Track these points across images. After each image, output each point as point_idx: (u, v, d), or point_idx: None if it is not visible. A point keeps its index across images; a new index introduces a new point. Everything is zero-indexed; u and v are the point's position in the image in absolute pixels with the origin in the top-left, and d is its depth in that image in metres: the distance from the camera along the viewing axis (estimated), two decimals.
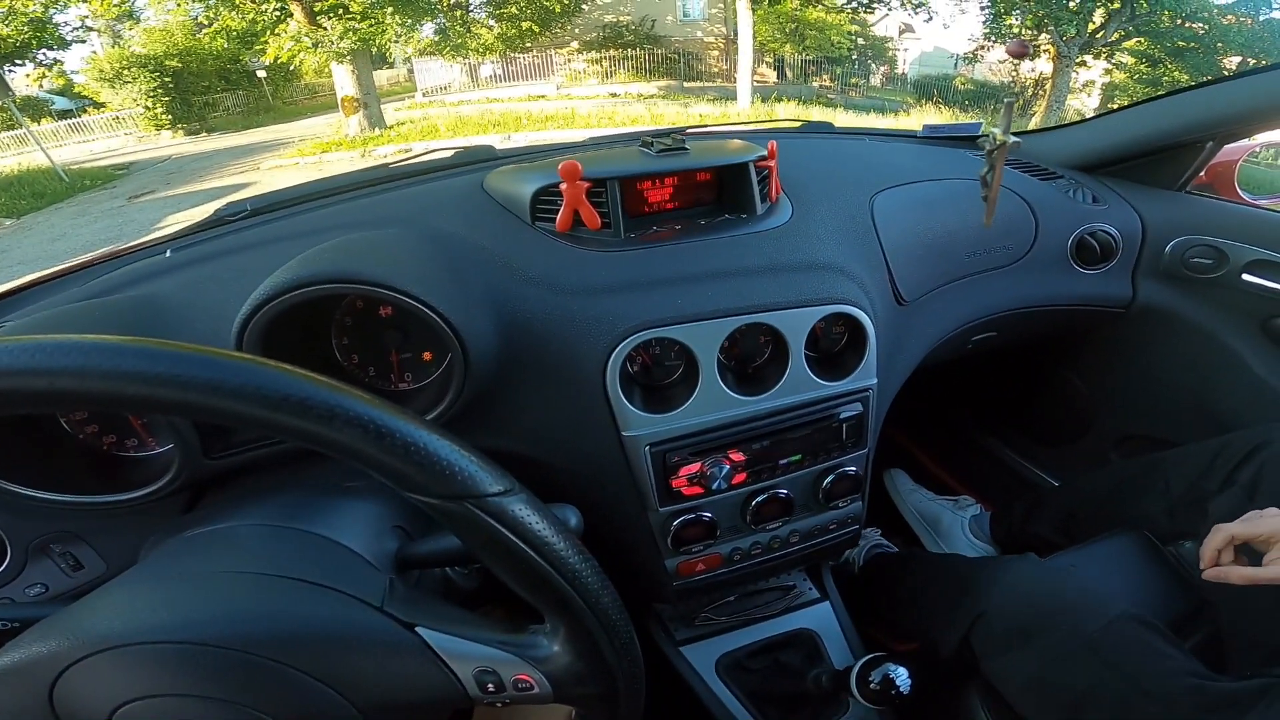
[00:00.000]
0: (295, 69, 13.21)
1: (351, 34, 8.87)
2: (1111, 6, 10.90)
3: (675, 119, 10.96)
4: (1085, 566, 0.87)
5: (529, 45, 14.56)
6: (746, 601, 1.00)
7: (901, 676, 0.77)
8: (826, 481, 0.81)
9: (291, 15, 9.03)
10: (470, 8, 13.06)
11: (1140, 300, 1.10)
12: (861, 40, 16.40)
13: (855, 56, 16.21)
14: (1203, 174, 1.10)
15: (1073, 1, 11.03)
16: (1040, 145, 1.18)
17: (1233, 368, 1.05)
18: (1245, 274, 1.01)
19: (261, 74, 15.90)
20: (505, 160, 0.97)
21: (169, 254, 0.76)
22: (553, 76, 15.19)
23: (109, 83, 13.39)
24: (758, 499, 0.78)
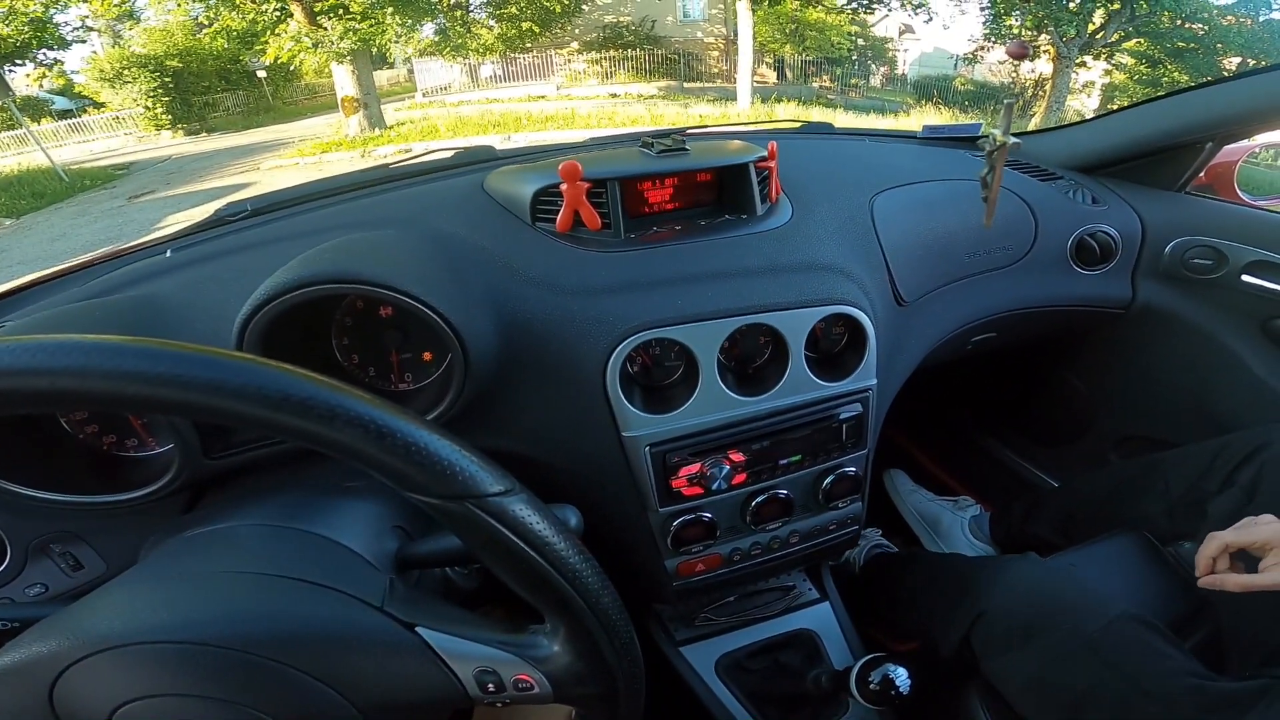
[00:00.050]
0: (295, 69, 13.22)
1: (351, 34, 8.87)
2: (1111, 7, 10.90)
3: (675, 119, 10.97)
4: (1085, 567, 0.87)
5: (529, 46, 14.55)
6: (746, 602, 1.00)
7: (901, 677, 0.77)
8: (826, 482, 0.81)
9: (292, 15, 9.03)
10: (470, 8, 13.06)
11: (1140, 301, 1.10)
12: (861, 41, 16.40)
13: (855, 57, 16.21)
14: (1202, 175, 1.10)
15: (1073, 2, 11.04)
16: (1040, 146, 1.18)
17: (1232, 368, 1.05)
18: (1245, 275, 1.01)
19: (261, 74, 15.89)
20: (505, 161, 0.97)
21: (169, 254, 0.76)
22: (553, 77, 15.19)
23: (109, 83, 13.38)
24: (758, 499, 0.78)
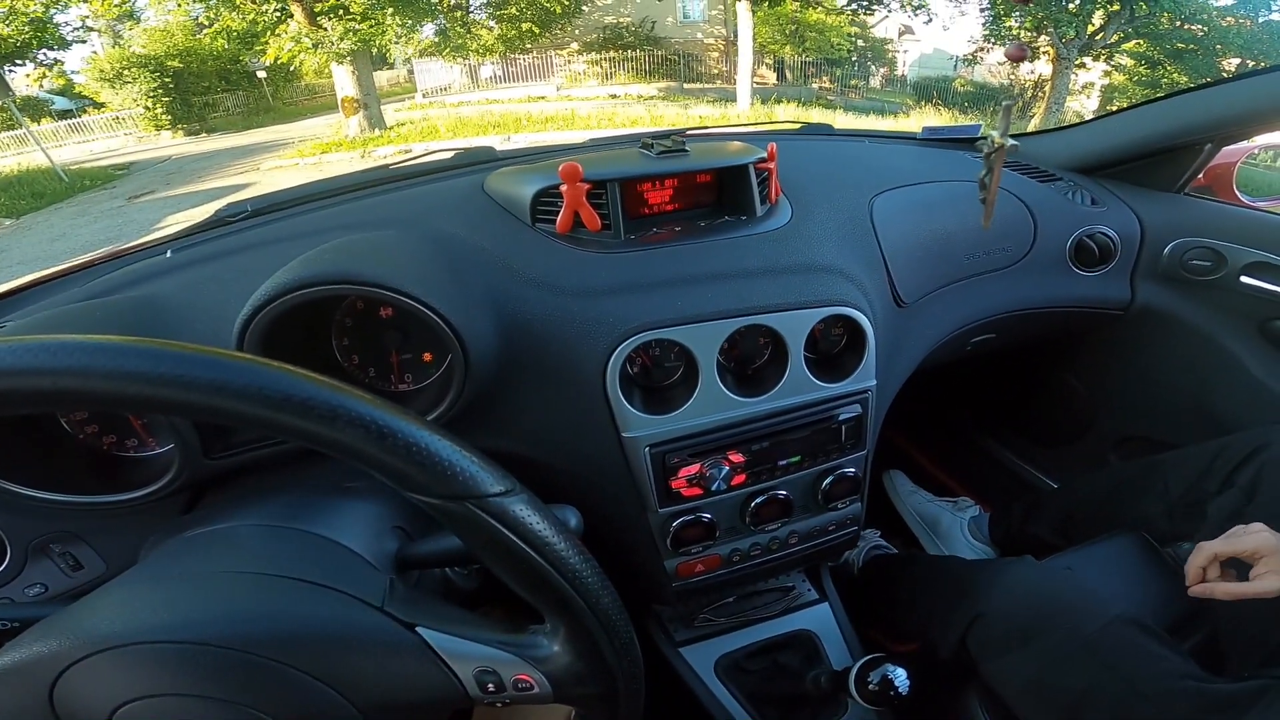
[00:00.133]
0: (295, 70, 13.22)
1: (352, 35, 8.88)
2: (1111, 8, 10.92)
3: (675, 120, 10.98)
4: (1084, 568, 0.87)
5: (529, 46, 14.57)
6: (745, 603, 1.00)
7: (900, 677, 0.77)
8: (826, 483, 0.81)
9: (292, 16, 9.03)
10: (470, 9, 13.08)
11: (1139, 302, 1.10)
12: (861, 42, 16.42)
13: (855, 58, 16.24)
14: (1201, 176, 1.10)
15: (1072, 3, 11.05)
16: (1039, 147, 1.19)
17: (1231, 370, 1.05)
18: (1243, 276, 1.01)
19: (261, 74, 15.90)
20: (505, 161, 0.97)
21: (169, 254, 0.76)
22: (553, 78, 15.19)
23: (109, 83, 13.39)
24: (757, 500, 0.79)
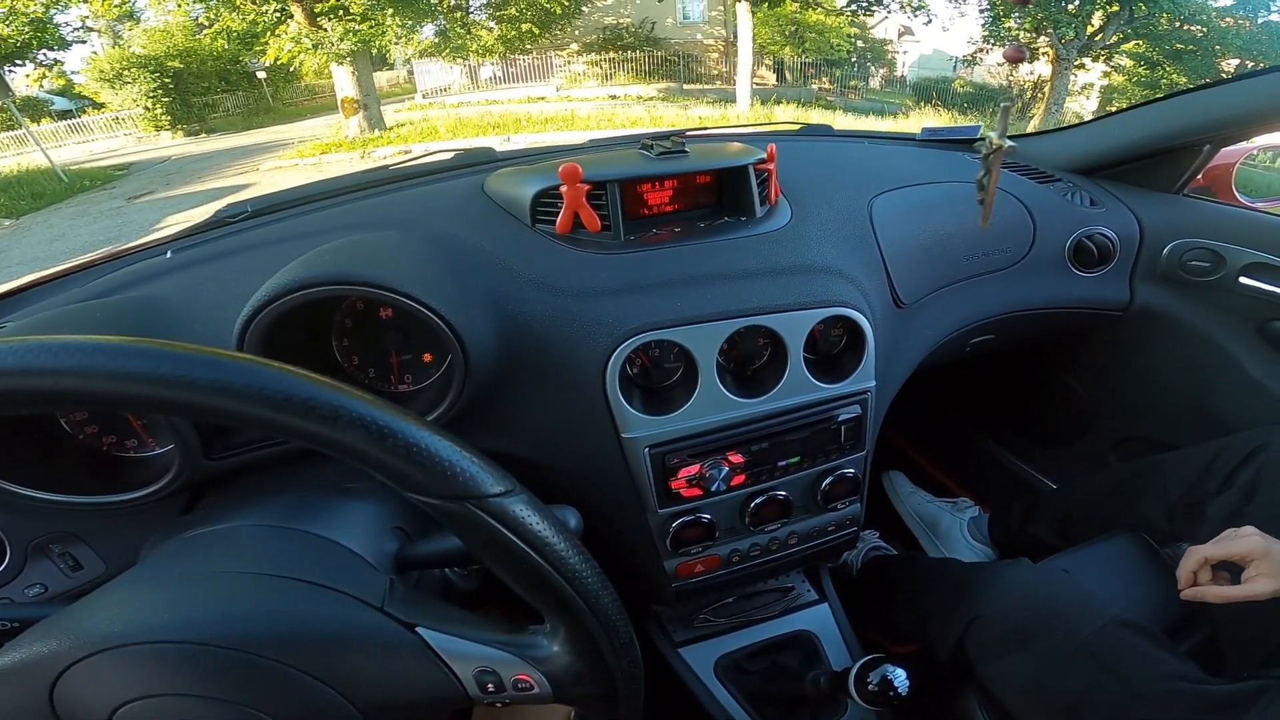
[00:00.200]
0: (295, 70, 13.23)
1: (351, 35, 8.88)
2: (1110, 9, 10.93)
3: (675, 121, 10.98)
4: (1083, 569, 0.87)
5: (529, 47, 14.57)
6: (745, 603, 1.00)
7: (899, 678, 0.77)
8: (825, 483, 0.81)
9: (292, 16, 9.04)
10: (470, 10, 13.09)
11: (1138, 303, 1.11)
12: (861, 43, 16.44)
13: (854, 59, 16.25)
14: (1200, 177, 1.10)
15: (1071, 4, 11.06)
16: (1038, 148, 1.19)
17: (1230, 370, 1.06)
18: (1242, 277, 1.01)
19: (261, 75, 15.91)
20: (505, 162, 0.97)
21: (169, 255, 0.76)
22: (552, 78, 15.20)
23: (109, 83, 13.39)
24: (756, 501, 0.79)
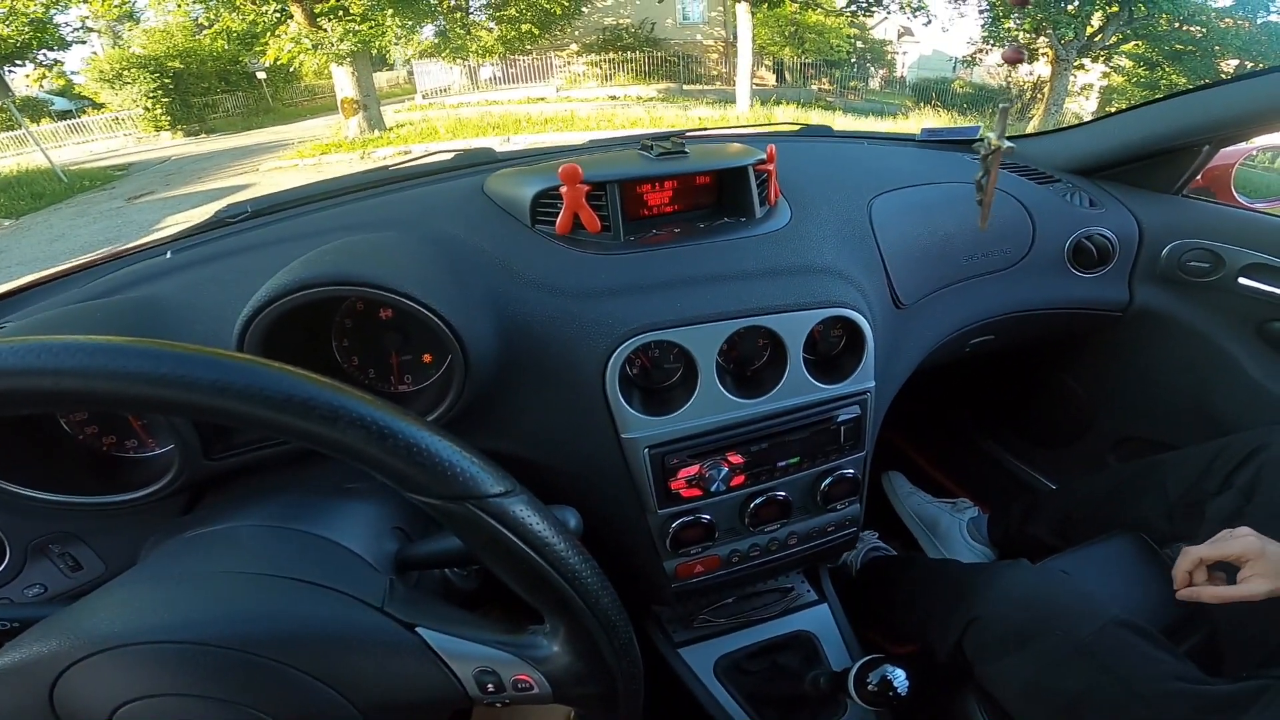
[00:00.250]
0: (295, 71, 13.24)
1: (351, 36, 8.87)
2: (1109, 10, 10.93)
3: (674, 122, 10.98)
4: (1082, 569, 0.87)
5: (529, 48, 14.55)
6: (745, 604, 1.00)
7: (899, 678, 0.77)
8: (825, 484, 0.81)
9: (291, 17, 9.03)
10: (470, 10, 13.08)
11: (1137, 304, 1.11)
12: (860, 44, 16.44)
13: (854, 60, 16.25)
14: (1199, 177, 1.10)
15: (1071, 5, 11.06)
16: (1038, 149, 1.19)
17: (1229, 371, 1.06)
18: (1241, 278, 1.01)
19: (261, 75, 15.91)
20: (505, 163, 0.97)
21: (169, 255, 0.76)
22: (552, 79, 15.20)
23: (109, 83, 13.38)
24: (756, 501, 0.79)
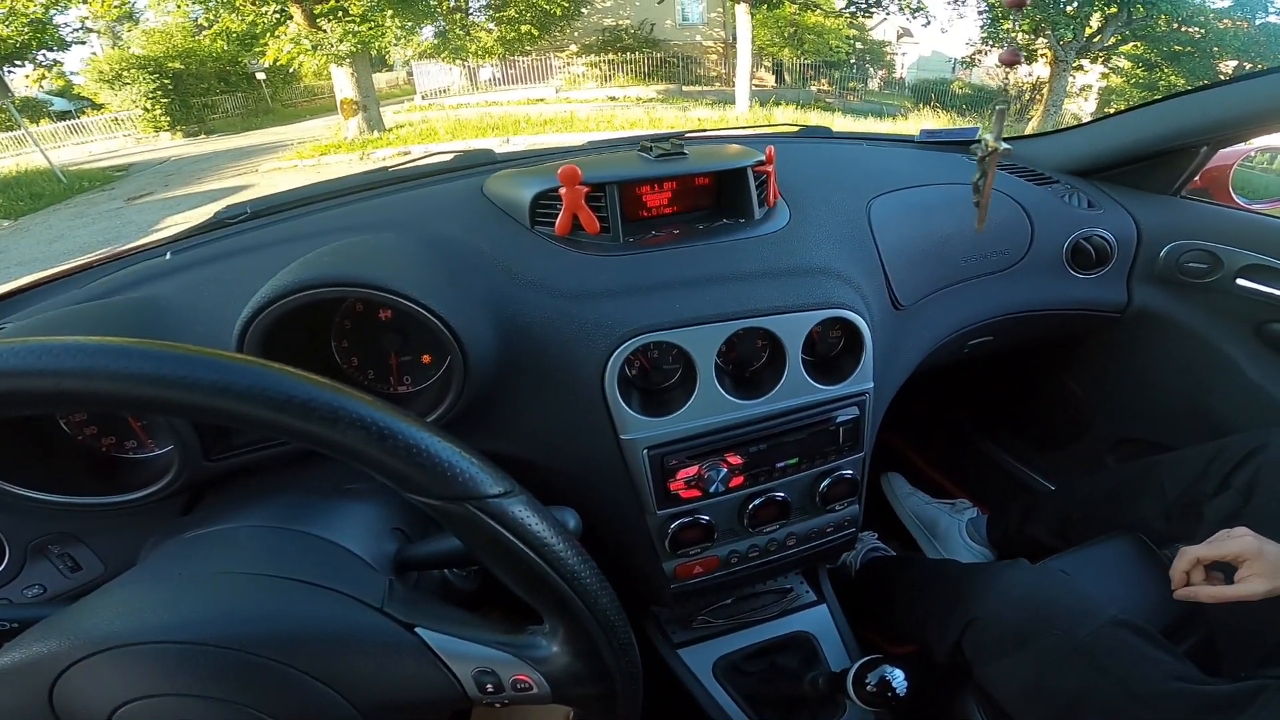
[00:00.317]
0: (294, 71, 13.20)
1: (351, 37, 8.87)
2: (1108, 11, 10.95)
3: (674, 123, 10.98)
4: (1081, 570, 0.87)
5: (528, 49, 14.56)
6: (743, 604, 1.00)
7: (898, 679, 0.77)
8: (824, 485, 0.81)
9: (291, 18, 9.03)
10: (469, 11, 13.09)
11: (1135, 305, 1.11)
12: (859, 45, 16.43)
13: (853, 61, 16.25)
14: (1198, 178, 1.10)
15: (1070, 6, 11.08)
16: (1036, 150, 1.19)
17: (1227, 372, 1.06)
18: (1240, 279, 1.01)
19: (261, 76, 15.91)
20: (504, 164, 0.97)
21: (169, 256, 0.76)
22: (551, 80, 15.20)
23: (108, 84, 13.37)
24: (755, 502, 0.79)
